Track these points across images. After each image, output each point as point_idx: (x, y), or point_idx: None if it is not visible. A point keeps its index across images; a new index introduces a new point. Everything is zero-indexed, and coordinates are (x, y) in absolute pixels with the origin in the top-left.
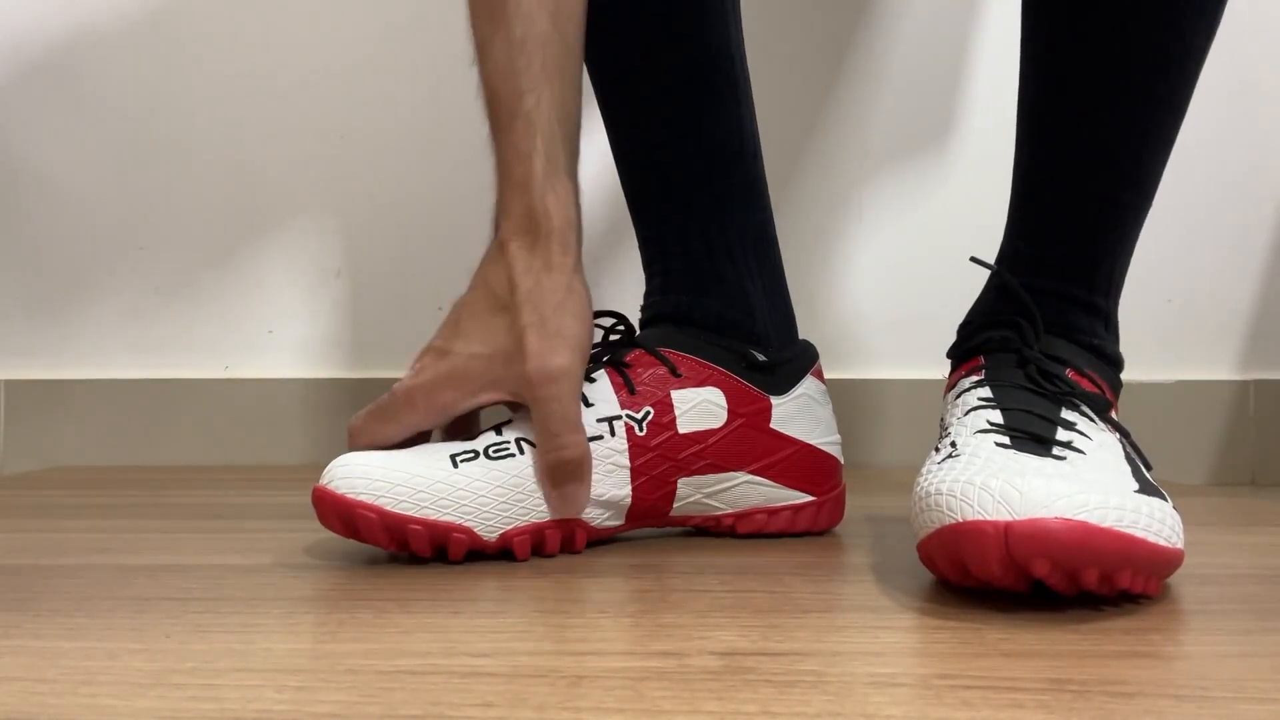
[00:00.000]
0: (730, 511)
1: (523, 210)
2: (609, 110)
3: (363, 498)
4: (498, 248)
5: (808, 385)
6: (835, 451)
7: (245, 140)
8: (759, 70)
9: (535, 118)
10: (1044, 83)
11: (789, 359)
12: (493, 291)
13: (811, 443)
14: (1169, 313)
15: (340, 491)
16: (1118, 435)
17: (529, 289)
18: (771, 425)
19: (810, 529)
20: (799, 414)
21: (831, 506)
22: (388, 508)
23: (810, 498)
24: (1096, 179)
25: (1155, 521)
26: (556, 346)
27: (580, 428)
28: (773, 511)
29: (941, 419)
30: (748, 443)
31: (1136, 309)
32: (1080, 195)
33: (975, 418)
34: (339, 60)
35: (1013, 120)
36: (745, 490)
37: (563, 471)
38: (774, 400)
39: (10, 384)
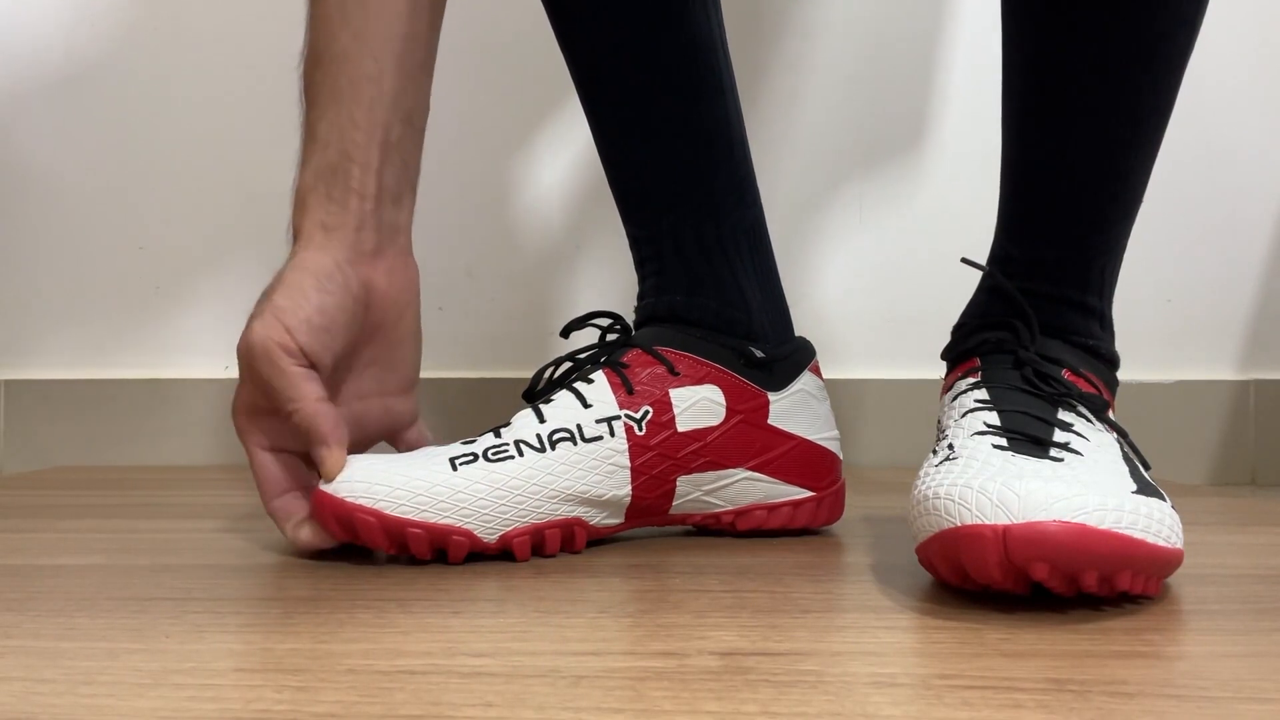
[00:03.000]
0: (730, 508)
1: (291, 213)
2: (591, 107)
3: (362, 501)
4: None
5: (805, 381)
6: (834, 447)
7: (246, 140)
8: (747, 68)
9: (317, 132)
10: (1026, 81)
11: (786, 355)
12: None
13: (810, 438)
14: (1169, 313)
15: (340, 495)
16: (1115, 435)
17: (273, 282)
18: (769, 421)
19: (810, 525)
20: (797, 409)
21: (831, 502)
22: (387, 511)
23: (809, 493)
24: (1085, 178)
25: (1154, 522)
26: (252, 321)
27: (297, 392)
28: (772, 507)
29: (939, 421)
30: (746, 439)
31: (1136, 309)
32: (1070, 195)
33: (972, 420)
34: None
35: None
36: (744, 486)
37: (303, 430)
38: (771, 396)
39: (10, 384)
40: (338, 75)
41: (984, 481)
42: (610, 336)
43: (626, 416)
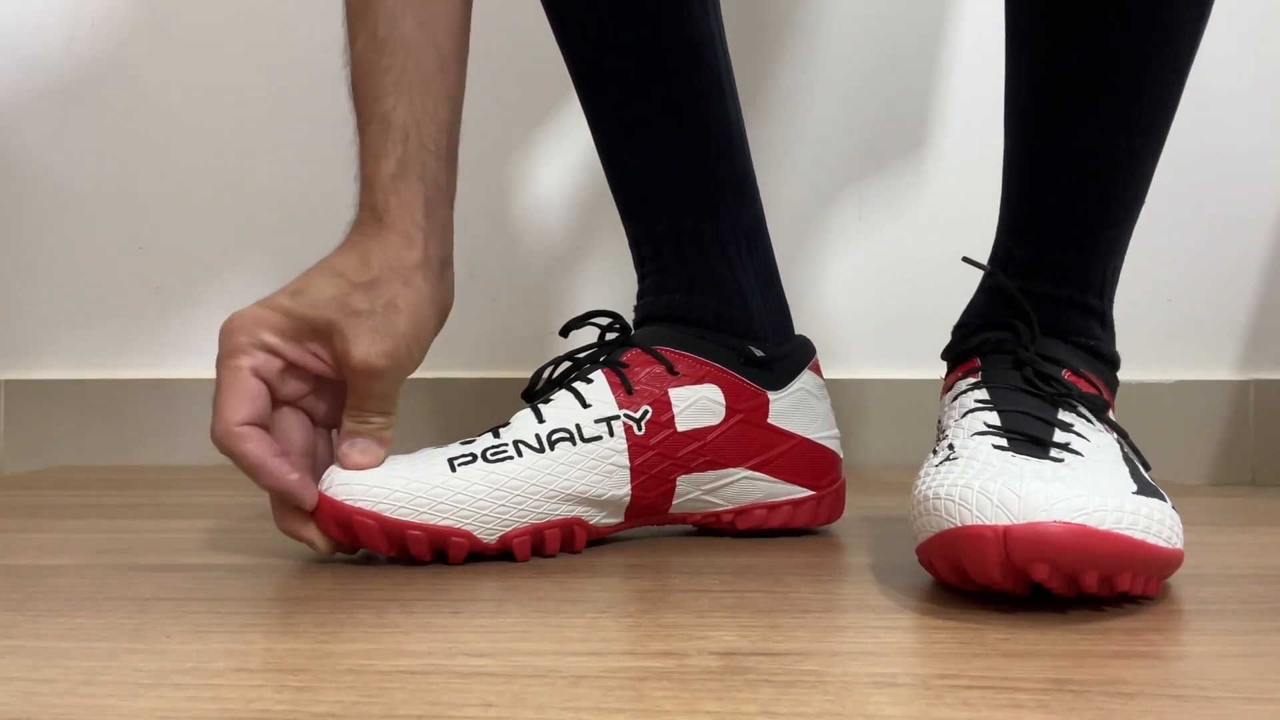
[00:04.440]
0: (730, 508)
1: (368, 207)
2: (589, 105)
3: (361, 504)
4: (347, 237)
5: (805, 380)
6: (834, 446)
7: (246, 140)
8: (749, 67)
9: (392, 120)
10: (1030, 82)
11: (786, 354)
12: (333, 267)
13: (810, 437)
14: (1169, 313)
15: (339, 498)
16: (1115, 435)
17: (368, 279)
18: (769, 420)
19: (810, 524)
20: (796, 408)
21: (831, 501)
22: (386, 513)
23: (809, 492)
24: (1087, 179)
25: (1154, 523)
26: (381, 341)
27: (392, 410)
28: (772, 506)
29: (939, 421)
30: (746, 438)
31: (1136, 309)
32: (1072, 196)
33: (972, 420)
34: (342, 61)
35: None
36: (744, 486)
37: (376, 440)
38: (771, 395)
39: (10, 384)
40: (405, 63)
41: (984, 482)
42: (609, 336)
43: (626, 416)
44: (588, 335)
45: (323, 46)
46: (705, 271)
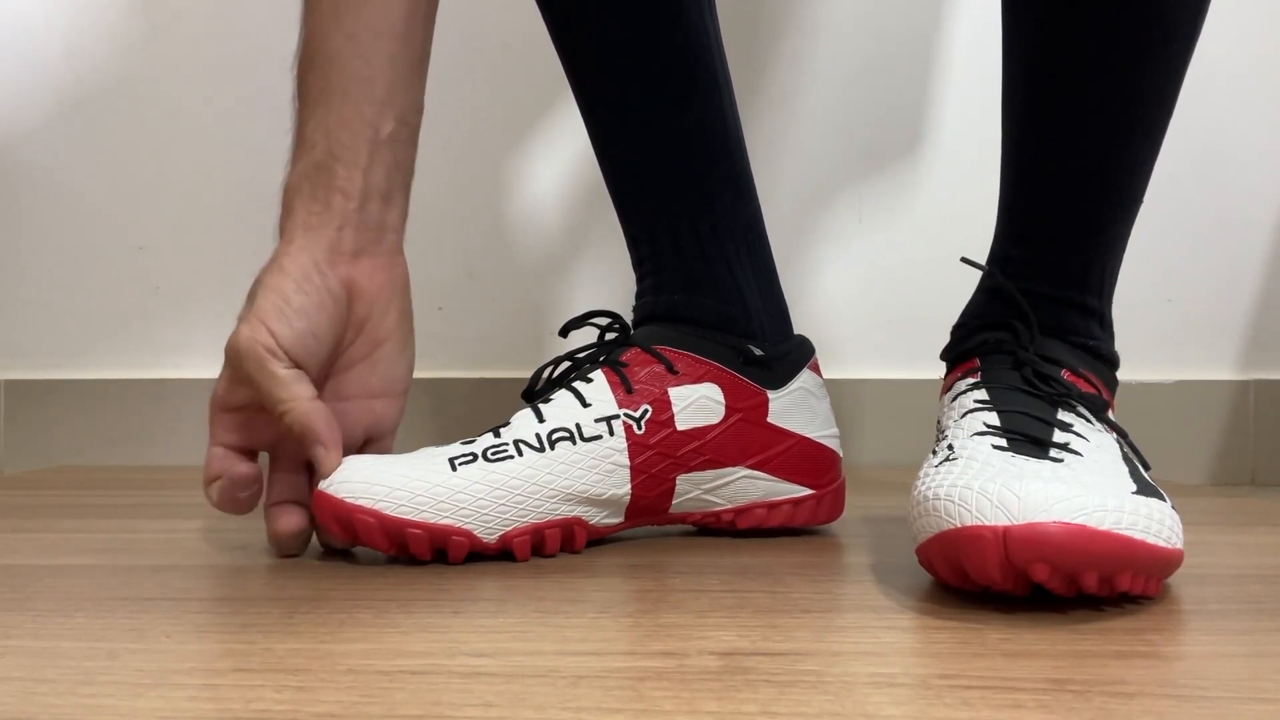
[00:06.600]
0: (729, 507)
1: (279, 214)
2: (586, 105)
3: (361, 502)
4: None
5: (804, 379)
6: (833, 445)
7: (245, 140)
8: (746, 67)
9: (304, 133)
10: (1026, 81)
11: (785, 353)
12: None
13: (809, 436)
14: (1169, 313)
15: (339, 495)
16: (1115, 435)
17: (250, 289)
18: (769, 419)
19: (810, 522)
20: (796, 407)
21: (831, 500)
22: (386, 511)
23: (809, 491)
24: (1085, 178)
25: (1154, 523)
26: (240, 325)
27: (289, 393)
28: (772, 505)
29: (938, 421)
30: (746, 437)
31: (1136, 309)
32: (1069, 195)
33: (972, 420)
34: None
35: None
36: (744, 485)
37: (297, 431)
38: (771, 394)
39: (10, 384)
40: (329, 76)
41: (984, 482)
42: (609, 335)
43: (625, 415)
44: (587, 335)
45: None
46: (704, 271)
